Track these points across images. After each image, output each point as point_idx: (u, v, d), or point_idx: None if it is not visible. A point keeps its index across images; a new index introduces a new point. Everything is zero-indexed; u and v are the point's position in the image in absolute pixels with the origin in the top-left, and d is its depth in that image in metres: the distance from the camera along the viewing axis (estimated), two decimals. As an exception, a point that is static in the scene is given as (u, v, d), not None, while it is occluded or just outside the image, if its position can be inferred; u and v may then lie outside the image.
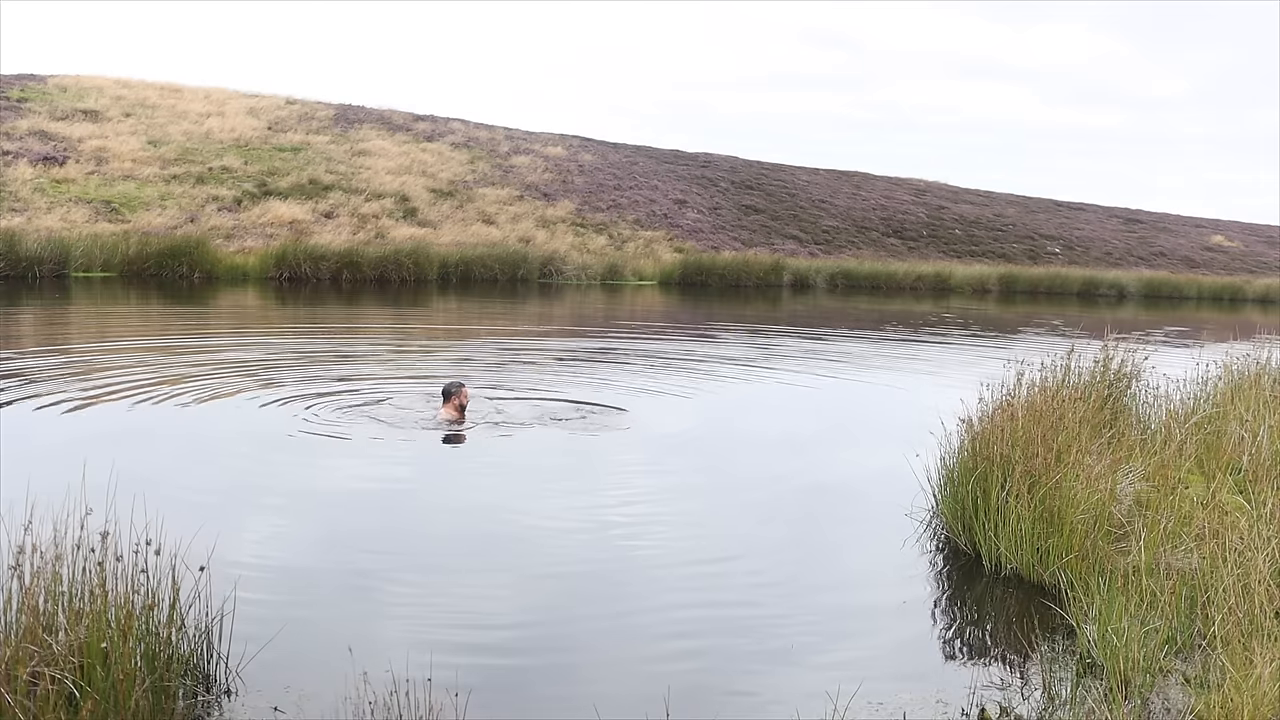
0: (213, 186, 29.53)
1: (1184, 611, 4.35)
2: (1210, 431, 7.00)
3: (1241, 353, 9.41)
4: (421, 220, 30.78)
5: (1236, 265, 46.18)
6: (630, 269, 30.52)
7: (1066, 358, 7.83)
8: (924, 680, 4.18)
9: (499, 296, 24.38)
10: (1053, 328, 21.03)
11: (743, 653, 4.40)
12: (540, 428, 8.48)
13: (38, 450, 7.13)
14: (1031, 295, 35.04)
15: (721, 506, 6.82)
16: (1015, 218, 47.19)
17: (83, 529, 3.58)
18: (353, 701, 3.50)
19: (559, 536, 5.94)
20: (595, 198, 36.66)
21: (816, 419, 10.00)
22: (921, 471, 6.45)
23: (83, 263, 22.83)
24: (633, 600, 5.04)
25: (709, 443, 8.68)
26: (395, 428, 8.19)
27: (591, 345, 15.26)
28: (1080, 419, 6.32)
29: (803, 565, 5.72)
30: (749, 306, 25.64)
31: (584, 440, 8.17)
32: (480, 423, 8.44)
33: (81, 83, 36.61)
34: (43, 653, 3.22)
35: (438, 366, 11.94)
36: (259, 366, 11.14)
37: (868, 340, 18.02)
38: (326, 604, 4.77)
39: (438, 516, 6.20)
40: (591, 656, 4.40)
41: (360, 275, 25.29)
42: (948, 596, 5.32)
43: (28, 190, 26.50)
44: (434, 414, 8.54)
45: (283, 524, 5.89)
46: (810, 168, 48.90)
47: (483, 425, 8.41)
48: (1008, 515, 5.45)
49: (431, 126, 39.97)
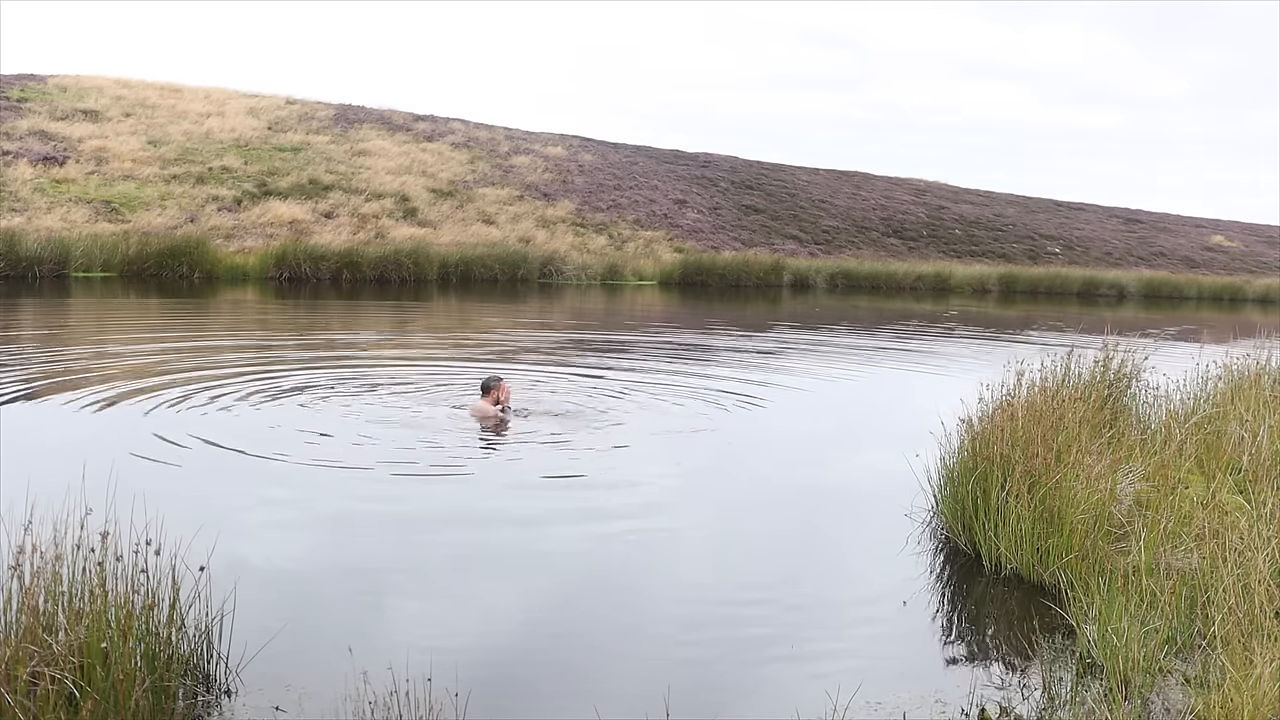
0: (213, 186, 29.53)
1: (1184, 611, 4.35)
2: (1210, 431, 7.00)
3: (1241, 353, 9.41)
4: (421, 220, 30.78)
5: (1236, 265, 46.18)
6: (630, 269, 30.52)
7: (1066, 358, 7.83)
8: (924, 680, 4.18)
9: (499, 296, 24.38)
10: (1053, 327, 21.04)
11: (742, 652, 4.40)
12: (540, 427, 8.48)
13: (38, 450, 7.13)
14: (1031, 295, 35.04)
15: (720, 506, 6.82)
16: (1015, 218, 47.19)
17: (83, 529, 3.58)
18: (353, 701, 3.50)
19: (559, 536, 5.94)
20: (595, 198, 36.66)
21: (816, 419, 9.99)
22: (921, 471, 6.45)
23: (83, 263, 22.83)
24: (632, 600, 5.04)
25: (708, 443, 8.68)
26: (397, 427, 8.19)
27: (591, 346, 15.26)
28: (1080, 419, 6.32)
29: (802, 565, 5.72)
30: (749, 307, 25.63)
31: (582, 441, 8.16)
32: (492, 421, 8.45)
33: (81, 83, 36.61)
34: (43, 653, 3.21)
35: (438, 367, 11.94)
36: (260, 366, 11.14)
37: (867, 340, 18.02)
38: (326, 604, 4.77)
39: (438, 516, 6.19)
40: (591, 656, 4.40)
41: (360, 275, 25.29)
42: (948, 596, 5.32)
43: (28, 190, 26.50)
44: (470, 406, 8.71)
45: (283, 523, 5.89)
46: (810, 168, 48.91)
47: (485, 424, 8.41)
48: (1008, 515, 5.45)
49: (431, 126, 39.96)
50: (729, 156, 47.61)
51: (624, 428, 8.72)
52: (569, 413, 9.18)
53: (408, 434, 7.99)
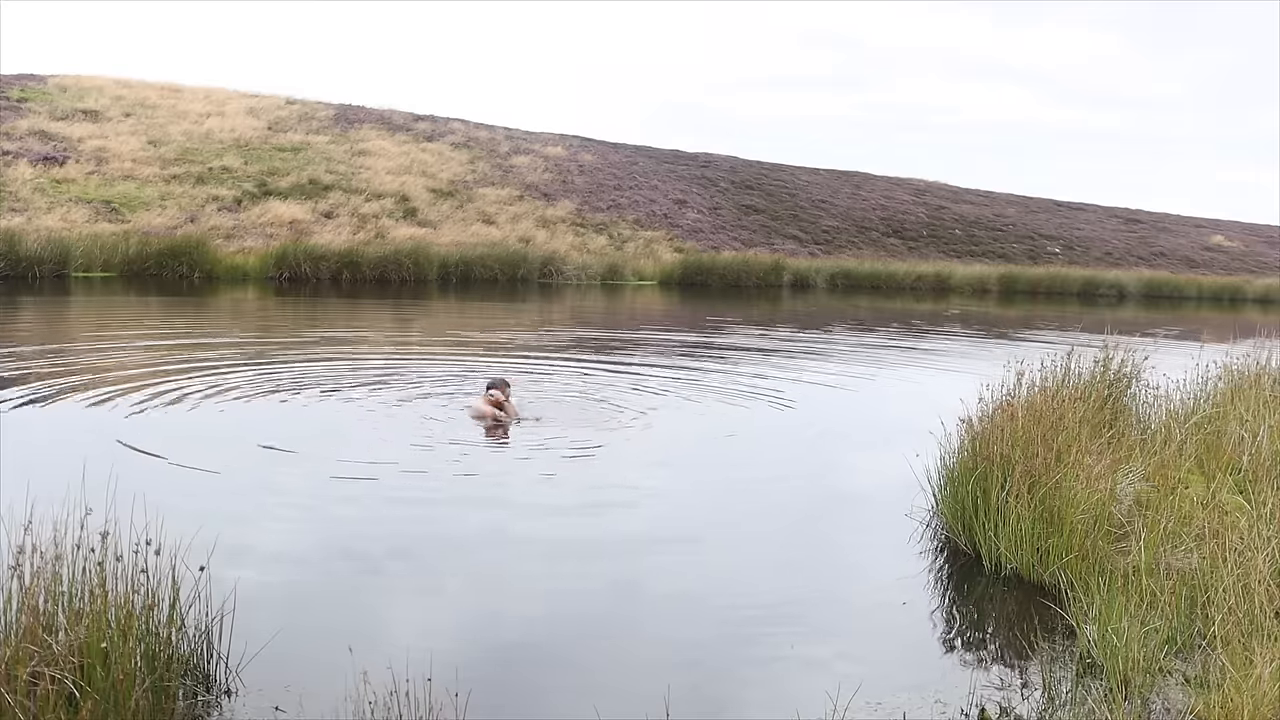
0: (213, 186, 29.53)
1: (1184, 611, 4.35)
2: (1210, 431, 6.99)
3: (1241, 353, 9.41)
4: (421, 220, 30.78)
5: (1236, 265, 46.19)
6: (630, 269, 30.52)
7: (1066, 358, 7.82)
8: (924, 680, 4.18)
9: (499, 296, 24.37)
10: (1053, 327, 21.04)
11: (742, 652, 4.40)
12: (540, 427, 8.48)
13: (38, 450, 7.13)
14: (1031, 295, 35.04)
15: (720, 506, 6.81)
16: (1015, 218, 47.19)
17: (83, 529, 3.57)
18: (353, 701, 3.49)
19: (559, 535, 5.94)
20: (595, 198, 36.66)
21: (816, 418, 9.99)
22: (921, 471, 6.44)
23: (83, 263, 22.83)
24: (632, 600, 5.04)
25: (707, 443, 8.68)
26: (397, 427, 8.19)
27: (591, 345, 15.26)
28: (1080, 419, 6.31)
29: (802, 565, 5.72)
30: (749, 306, 25.63)
31: (581, 440, 8.16)
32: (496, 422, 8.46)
33: (81, 83, 36.61)
34: (43, 653, 3.21)
35: (438, 366, 11.94)
36: (260, 366, 11.14)
37: (867, 340, 18.02)
38: (326, 604, 4.77)
39: (439, 515, 6.19)
40: (591, 656, 4.40)
41: (360, 275, 25.29)
42: (948, 597, 5.32)
43: (28, 190, 26.50)
44: (470, 402, 8.77)
45: (283, 523, 5.89)
46: (810, 168, 48.89)
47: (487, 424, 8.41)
48: (1008, 515, 5.45)
49: (431, 126, 39.96)
50: (729, 156, 47.59)
51: (623, 427, 8.72)
52: (568, 412, 9.18)
53: (408, 433, 7.99)
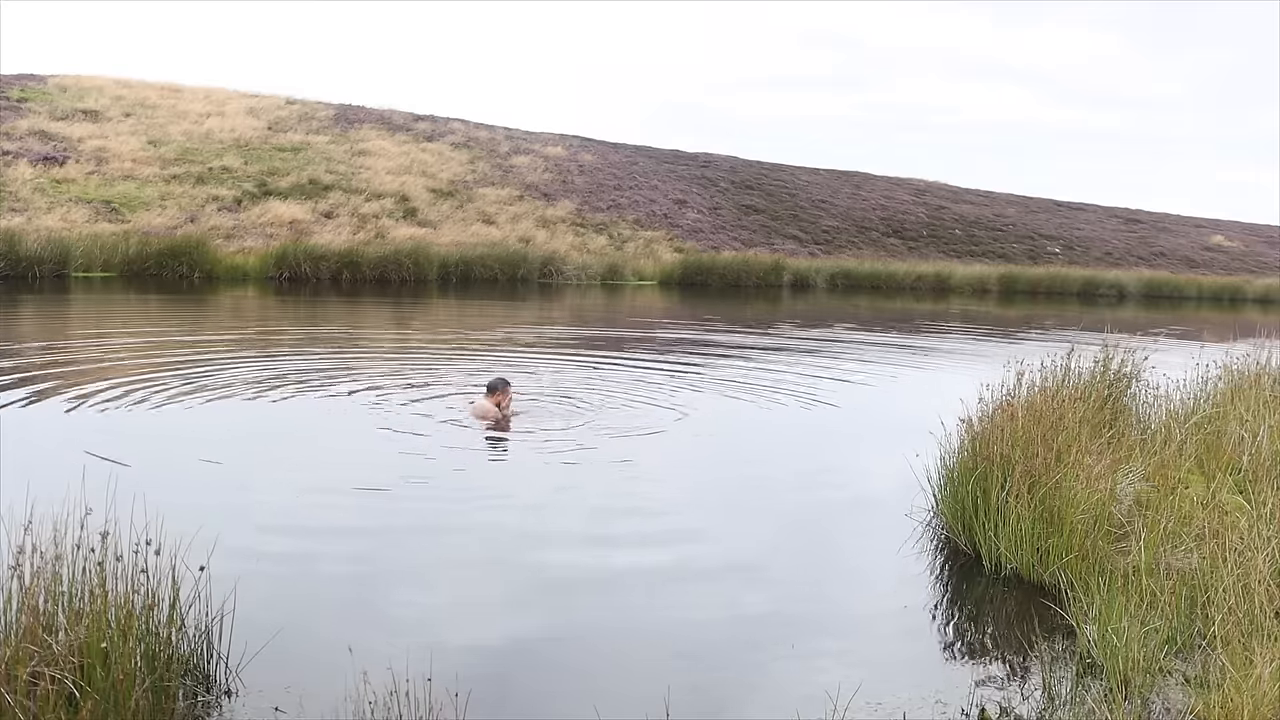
0: (213, 186, 29.52)
1: (1184, 611, 4.35)
2: (1210, 431, 7.00)
3: (1241, 353, 9.41)
4: (421, 220, 30.78)
5: (1236, 265, 46.19)
6: (630, 269, 30.52)
7: (1066, 358, 7.82)
8: (924, 680, 4.18)
9: (499, 296, 24.37)
10: (1053, 327, 21.04)
11: (742, 653, 4.40)
12: (540, 427, 8.48)
13: (38, 450, 7.13)
14: (1031, 295, 35.04)
15: (719, 505, 6.81)
16: (1015, 218, 47.19)
17: (83, 529, 3.58)
18: (353, 701, 3.49)
19: (559, 536, 5.94)
20: (595, 198, 36.66)
21: (816, 419, 9.99)
22: (921, 471, 6.45)
23: (83, 263, 22.83)
24: (632, 600, 5.03)
25: (706, 441, 8.68)
26: (397, 426, 8.19)
27: (591, 344, 15.26)
28: (1080, 419, 6.31)
29: (802, 565, 5.72)
30: (749, 306, 25.63)
31: (581, 440, 8.16)
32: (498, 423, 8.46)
33: (81, 83, 36.60)
34: (43, 653, 3.21)
35: (438, 366, 11.94)
36: (260, 366, 11.14)
37: (867, 340, 18.02)
38: (326, 604, 4.77)
39: (439, 515, 6.19)
40: (591, 656, 4.40)
41: (360, 275, 25.29)
42: (948, 597, 5.32)
43: (28, 190, 26.50)
44: (471, 403, 8.75)
45: (284, 523, 5.89)
46: (810, 168, 48.89)
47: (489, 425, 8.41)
48: (1008, 515, 5.45)
49: (431, 126, 39.96)
50: (729, 156, 47.60)
51: (623, 427, 8.71)
52: (568, 412, 9.18)
53: (408, 433, 7.99)
